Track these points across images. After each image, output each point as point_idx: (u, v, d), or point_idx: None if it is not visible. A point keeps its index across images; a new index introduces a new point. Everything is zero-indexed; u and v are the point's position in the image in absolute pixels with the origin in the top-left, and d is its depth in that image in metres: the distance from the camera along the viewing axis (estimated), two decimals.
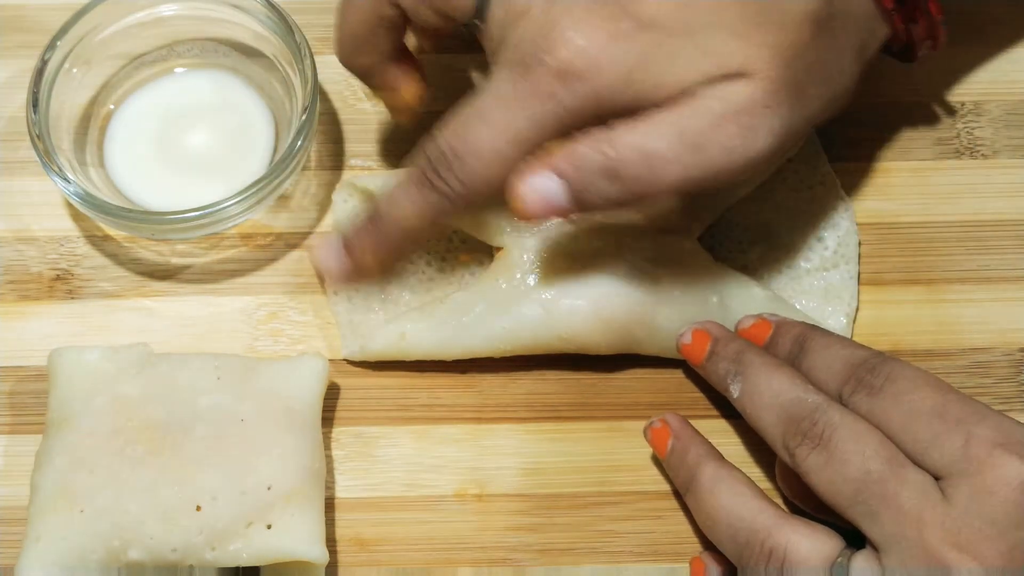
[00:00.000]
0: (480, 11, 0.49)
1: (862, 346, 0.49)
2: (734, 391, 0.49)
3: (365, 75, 0.54)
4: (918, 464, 0.44)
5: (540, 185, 0.46)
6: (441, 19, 0.50)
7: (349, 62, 0.54)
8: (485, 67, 0.50)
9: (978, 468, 0.42)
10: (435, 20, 0.50)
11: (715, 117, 0.45)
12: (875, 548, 0.43)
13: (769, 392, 0.48)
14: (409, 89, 0.54)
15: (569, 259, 0.53)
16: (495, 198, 0.48)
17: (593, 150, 0.46)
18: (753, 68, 0.45)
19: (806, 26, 0.46)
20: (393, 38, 0.53)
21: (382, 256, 0.51)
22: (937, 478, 0.43)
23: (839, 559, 0.44)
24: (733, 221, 0.57)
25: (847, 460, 0.44)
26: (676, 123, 0.45)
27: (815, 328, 0.51)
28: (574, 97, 0.46)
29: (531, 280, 0.53)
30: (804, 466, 0.45)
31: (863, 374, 0.47)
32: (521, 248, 0.53)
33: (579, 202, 0.47)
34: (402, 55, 0.54)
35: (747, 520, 0.46)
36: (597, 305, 0.52)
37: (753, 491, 0.48)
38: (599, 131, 0.46)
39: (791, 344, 0.50)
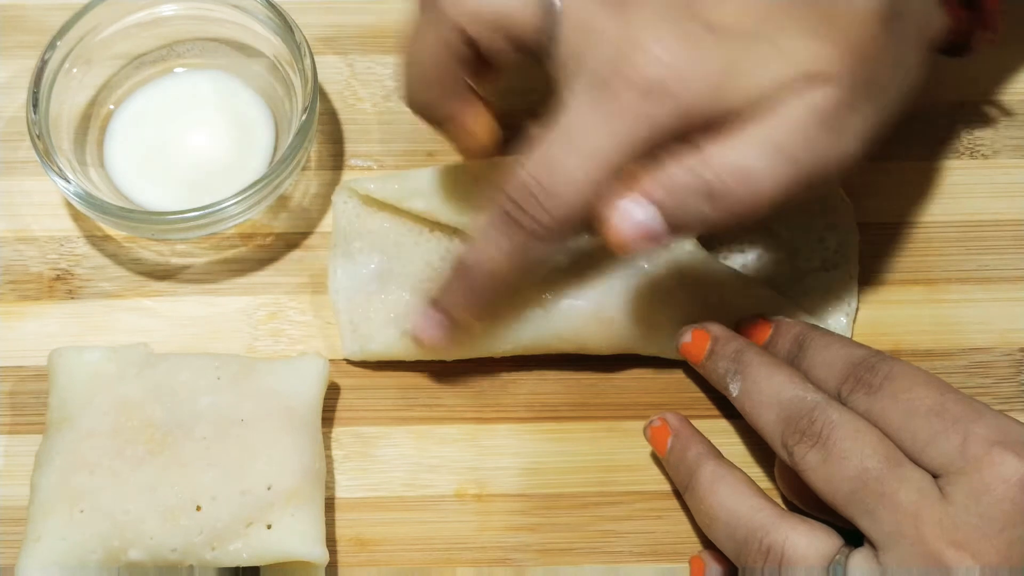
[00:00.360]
0: (549, 33, 0.46)
1: (861, 345, 0.49)
2: (733, 390, 0.49)
3: (435, 115, 0.51)
4: (917, 462, 0.44)
5: (633, 213, 0.44)
6: (510, 45, 0.48)
7: (419, 102, 0.51)
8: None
9: (976, 466, 0.42)
10: (504, 47, 0.48)
11: (804, 125, 0.44)
12: (873, 546, 0.43)
13: (768, 390, 0.48)
14: (482, 126, 0.52)
15: (569, 259, 0.53)
16: (582, 230, 0.46)
17: (686, 172, 0.44)
18: (832, 69, 0.44)
19: (875, 22, 0.45)
20: (462, 73, 0.50)
21: (476, 309, 0.50)
22: (936, 476, 0.43)
23: (837, 557, 0.44)
24: None
25: (845, 458, 0.44)
26: (768, 137, 0.44)
27: (815, 328, 0.51)
28: (663, 114, 0.44)
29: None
30: (802, 464, 0.45)
31: (862, 373, 0.47)
32: None
33: (674, 227, 0.45)
34: (470, 92, 0.51)
35: (745, 518, 0.46)
36: (597, 305, 0.52)
37: (752, 489, 0.48)
38: (688, 151, 0.44)
39: (791, 343, 0.50)
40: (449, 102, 0.51)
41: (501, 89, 0.53)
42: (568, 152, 0.45)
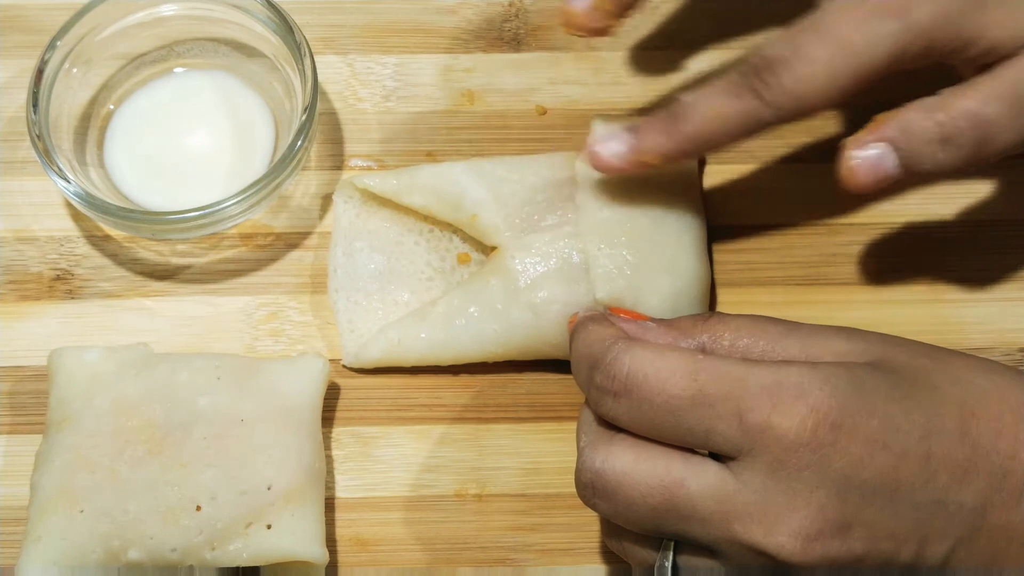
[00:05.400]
0: None
1: (606, 338, 0.44)
2: None
3: None
4: (707, 450, 0.42)
5: (870, 153, 0.47)
6: None
7: None
8: None
9: (762, 442, 0.40)
10: None
11: None
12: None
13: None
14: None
15: (560, 261, 0.53)
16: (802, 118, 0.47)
17: (925, 117, 0.46)
18: None
19: None
20: None
21: (668, 149, 0.49)
22: (729, 459, 0.42)
23: (666, 552, 0.43)
24: None
25: (631, 506, 0.42)
26: (1009, 89, 0.46)
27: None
28: (908, 22, 0.46)
29: (522, 281, 0.52)
30: (601, 514, 0.45)
31: (601, 379, 0.43)
32: (514, 249, 0.53)
33: (908, 169, 0.47)
34: None
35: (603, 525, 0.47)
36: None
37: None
38: (929, 98, 0.47)
39: None
40: None
41: None
42: (816, 37, 0.46)
